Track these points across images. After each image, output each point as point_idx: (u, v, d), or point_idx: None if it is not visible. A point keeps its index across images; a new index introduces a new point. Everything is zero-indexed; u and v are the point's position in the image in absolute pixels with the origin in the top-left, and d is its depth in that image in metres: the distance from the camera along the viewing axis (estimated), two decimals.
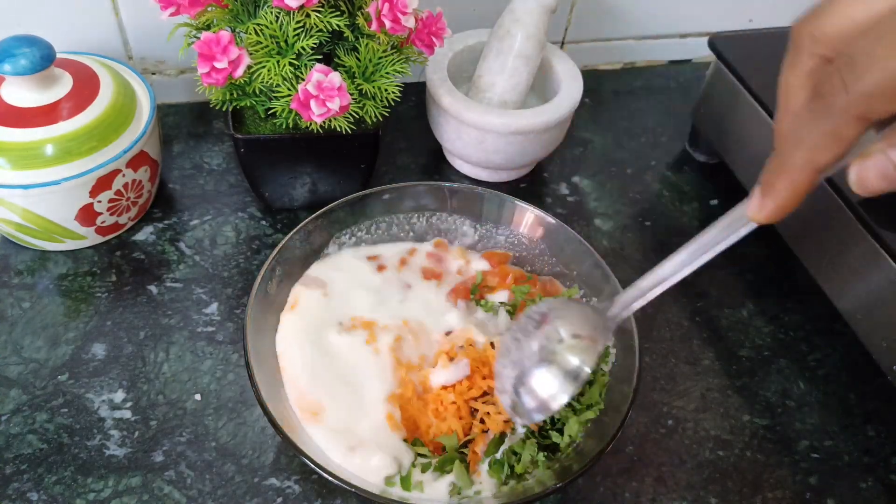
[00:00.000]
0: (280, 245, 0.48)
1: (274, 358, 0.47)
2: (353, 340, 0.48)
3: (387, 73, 0.52)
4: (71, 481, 0.45)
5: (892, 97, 0.24)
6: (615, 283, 0.48)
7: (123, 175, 0.54)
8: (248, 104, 0.54)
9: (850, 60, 0.25)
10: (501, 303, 0.51)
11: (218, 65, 0.47)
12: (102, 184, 0.53)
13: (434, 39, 0.53)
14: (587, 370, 0.39)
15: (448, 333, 0.49)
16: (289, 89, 0.49)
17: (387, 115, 0.53)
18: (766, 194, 0.30)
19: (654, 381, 0.54)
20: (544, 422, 0.43)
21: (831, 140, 0.26)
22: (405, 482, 0.43)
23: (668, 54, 0.81)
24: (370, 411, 0.45)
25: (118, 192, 0.55)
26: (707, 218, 0.65)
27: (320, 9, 0.48)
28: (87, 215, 0.54)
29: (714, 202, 0.67)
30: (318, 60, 0.50)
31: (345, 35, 0.51)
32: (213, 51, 0.47)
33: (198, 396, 0.50)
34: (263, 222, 0.61)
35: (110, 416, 0.48)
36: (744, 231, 0.33)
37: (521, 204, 0.53)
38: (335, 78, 0.48)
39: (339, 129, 0.52)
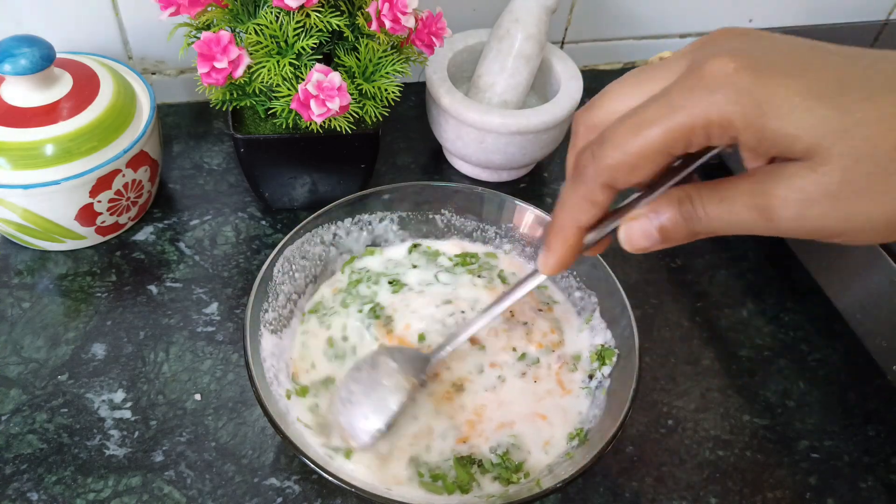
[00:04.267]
0: (280, 245, 0.48)
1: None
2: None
3: (387, 73, 0.52)
4: (71, 481, 0.45)
5: (629, 170, 0.29)
6: (615, 282, 0.48)
7: (123, 175, 0.54)
8: (248, 104, 0.54)
9: (600, 139, 0.30)
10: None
11: (218, 65, 0.47)
12: (102, 184, 0.53)
13: (434, 39, 0.53)
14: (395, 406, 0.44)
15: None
16: (289, 89, 0.49)
17: (387, 115, 0.53)
18: (546, 251, 0.35)
19: (654, 381, 0.54)
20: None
21: (586, 203, 0.32)
22: None
23: None
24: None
25: (118, 192, 0.55)
26: None
27: (320, 9, 0.48)
28: (87, 215, 0.54)
29: None
30: (318, 60, 0.50)
31: (345, 35, 0.51)
32: (213, 51, 0.47)
33: (198, 396, 0.50)
34: (263, 222, 0.61)
35: (110, 416, 0.48)
36: (536, 282, 0.41)
37: (521, 204, 0.53)
38: (335, 78, 0.48)
39: (339, 129, 0.52)
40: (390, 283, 0.52)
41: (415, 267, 0.53)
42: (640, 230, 0.32)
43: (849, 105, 0.26)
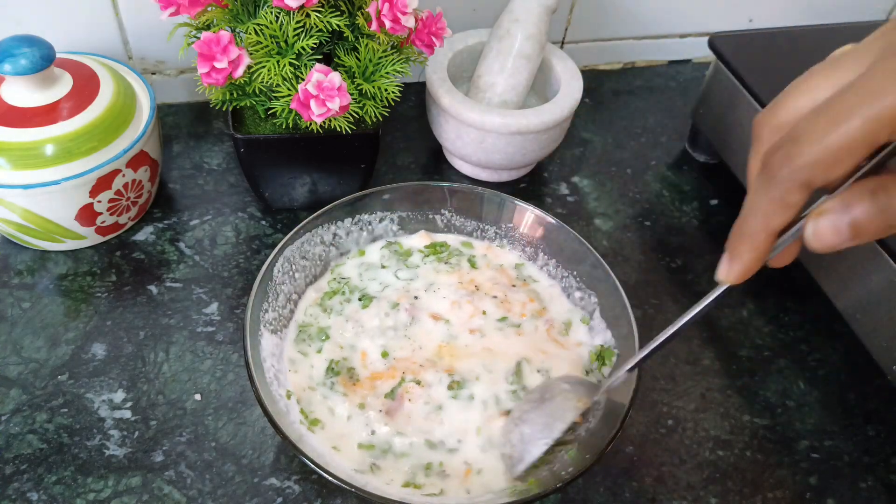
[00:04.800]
0: (280, 245, 0.48)
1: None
2: None
3: (387, 73, 0.52)
4: (71, 481, 0.45)
5: (829, 166, 0.28)
6: (615, 282, 0.48)
7: (123, 175, 0.54)
8: (248, 104, 0.54)
9: (792, 137, 0.29)
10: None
11: (218, 65, 0.47)
12: (102, 184, 0.53)
13: (434, 39, 0.53)
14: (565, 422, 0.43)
15: None
16: (289, 89, 0.49)
17: (387, 115, 0.53)
18: (732, 259, 0.33)
19: (654, 381, 0.54)
20: None
21: (780, 206, 0.30)
22: None
23: (668, 54, 0.81)
24: None
25: (118, 192, 0.55)
26: (707, 217, 0.65)
27: (320, 9, 0.48)
28: (87, 215, 0.54)
29: (714, 202, 0.67)
30: (318, 60, 0.50)
31: (345, 35, 0.51)
32: (213, 51, 0.47)
33: (198, 396, 0.50)
34: (263, 222, 0.61)
35: (110, 416, 0.48)
36: (718, 292, 0.36)
37: (521, 204, 0.53)
38: (335, 78, 0.48)
39: (339, 129, 0.52)
40: (360, 299, 0.51)
41: (384, 267, 0.53)
42: (829, 226, 0.30)
43: None
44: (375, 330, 0.49)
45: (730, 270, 0.33)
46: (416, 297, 0.50)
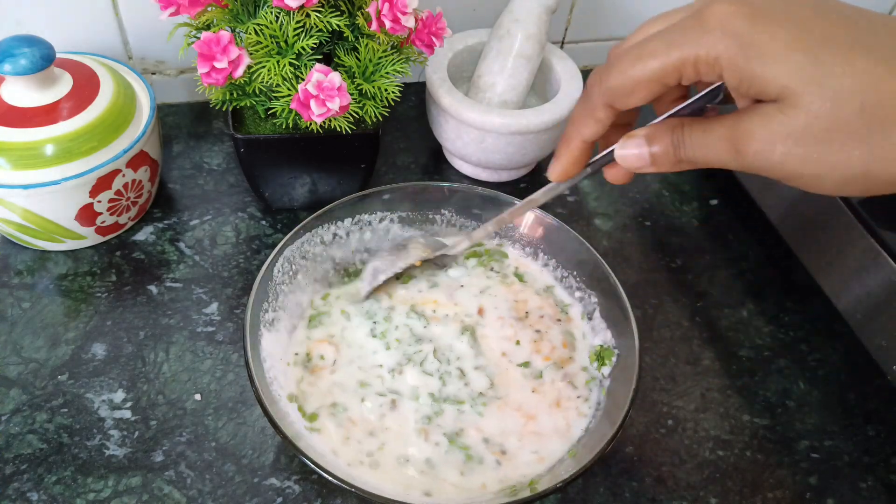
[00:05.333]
0: (280, 245, 0.48)
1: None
2: None
3: (387, 73, 0.52)
4: (71, 481, 0.45)
5: (627, 93, 0.34)
6: (615, 282, 0.48)
7: (123, 175, 0.54)
8: (248, 104, 0.54)
9: (608, 64, 0.35)
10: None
11: (218, 65, 0.47)
12: (102, 184, 0.53)
13: (434, 39, 0.53)
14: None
15: None
16: (289, 89, 0.49)
17: (387, 115, 0.53)
18: (554, 160, 0.40)
19: (654, 381, 0.54)
20: None
21: (589, 118, 0.36)
22: None
23: None
24: None
25: (118, 192, 0.55)
26: (707, 217, 0.66)
27: (320, 9, 0.48)
28: (87, 215, 0.54)
29: (714, 202, 0.67)
30: (318, 60, 0.50)
31: (345, 35, 0.51)
32: (213, 51, 0.47)
33: (198, 396, 0.50)
34: (263, 222, 0.61)
35: (110, 416, 0.48)
36: (548, 189, 0.43)
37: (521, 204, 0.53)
38: (335, 78, 0.48)
39: (339, 129, 0.52)
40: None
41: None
42: (634, 147, 0.35)
43: (826, 58, 0.29)
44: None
45: (552, 170, 0.40)
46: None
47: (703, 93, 0.35)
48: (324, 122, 0.50)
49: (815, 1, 0.31)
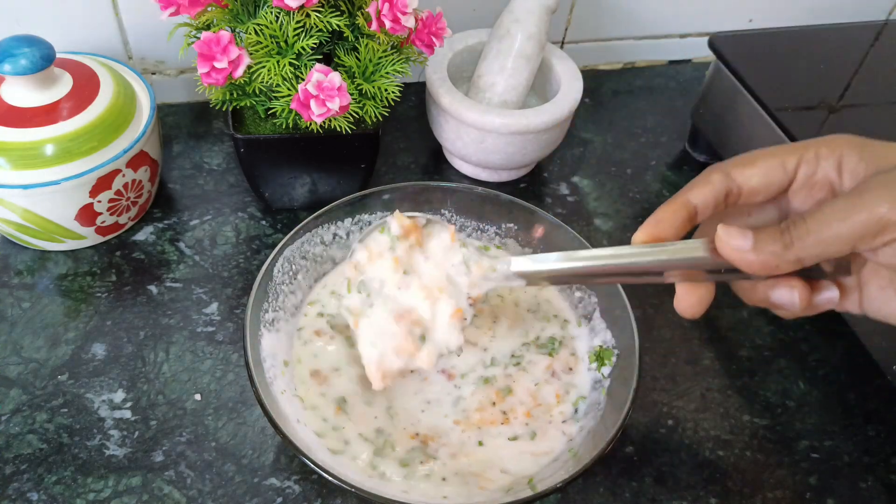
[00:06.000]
0: (280, 245, 0.48)
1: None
2: None
3: (387, 73, 0.52)
4: (71, 481, 0.45)
5: (745, 164, 0.36)
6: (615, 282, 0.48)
7: (123, 175, 0.54)
8: (248, 104, 0.54)
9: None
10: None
11: (218, 65, 0.47)
12: (102, 184, 0.53)
13: (434, 39, 0.53)
14: None
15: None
16: (289, 89, 0.49)
17: (387, 115, 0.53)
18: (650, 218, 0.38)
19: (654, 381, 0.54)
20: None
21: (701, 179, 0.37)
22: None
23: (668, 54, 0.81)
24: None
25: (118, 192, 0.55)
26: None
27: (320, 9, 0.48)
28: (87, 215, 0.54)
29: None
30: (318, 60, 0.50)
31: (345, 35, 0.51)
32: (213, 51, 0.47)
33: (198, 396, 0.50)
34: (263, 222, 0.61)
35: (110, 416, 0.48)
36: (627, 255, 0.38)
37: (521, 204, 0.53)
38: (335, 78, 0.48)
39: (339, 129, 0.52)
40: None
41: None
42: (738, 233, 0.34)
43: None
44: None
45: (641, 228, 0.37)
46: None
47: None
48: (324, 122, 0.50)
49: None
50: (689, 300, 0.37)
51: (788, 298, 0.35)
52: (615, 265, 0.38)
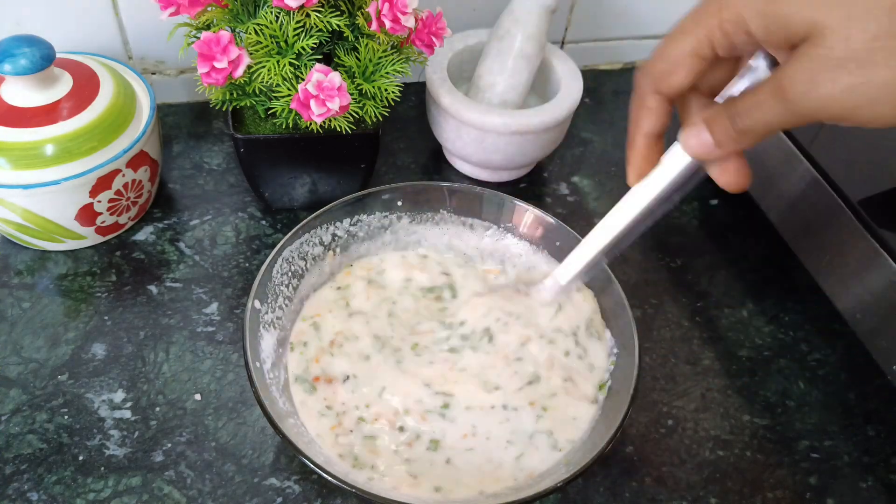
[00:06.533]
0: (279, 245, 0.48)
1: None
2: None
3: (387, 73, 0.52)
4: (71, 481, 0.45)
5: (668, 75, 0.35)
6: (615, 282, 0.48)
7: (123, 175, 0.54)
8: (248, 104, 0.54)
9: (652, 56, 0.36)
10: None
11: (218, 65, 0.47)
12: (102, 184, 0.53)
13: (434, 39, 0.53)
14: None
15: None
16: (289, 89, 0.49)
17: (387, 115, 0.53)
18: (627, 164, 0.39)
19: (654, 381, 0.54)
20: None
21: (642, 110, 0.37)
22: None
23: None
24: None
25: (118, 192, 0.55)
26: (707, 217, 0.66)
27: (320, 9, 0.48)
28: (87, 215, 0.54)
29: (714, 202, 0.67)
30: (318, 60, 0.50)
31: (345, 35, 0.51)
32: (213, 51, 0.47)
33: (198, 396, 0.50)
34: (263, 222, 0.61)
35: (110, 415, 0.48)
36: (632, 198, 0.41)
37: (520, 204, 0.53)
38: (335, 78, 0.48)
39: (339, 129, 0.52)
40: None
41: None
42: (694, 132, 0.35)
43: None
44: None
45: (628, 176, 0.39)
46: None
47: (744, 71, 0.34)
48: (324, 122, 0.50)
49: None
50: (726, 178, 0.36)
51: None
52: (638, 215, 0.41)
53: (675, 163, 0.38)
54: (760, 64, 0.34)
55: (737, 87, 0.35)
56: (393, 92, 0.52)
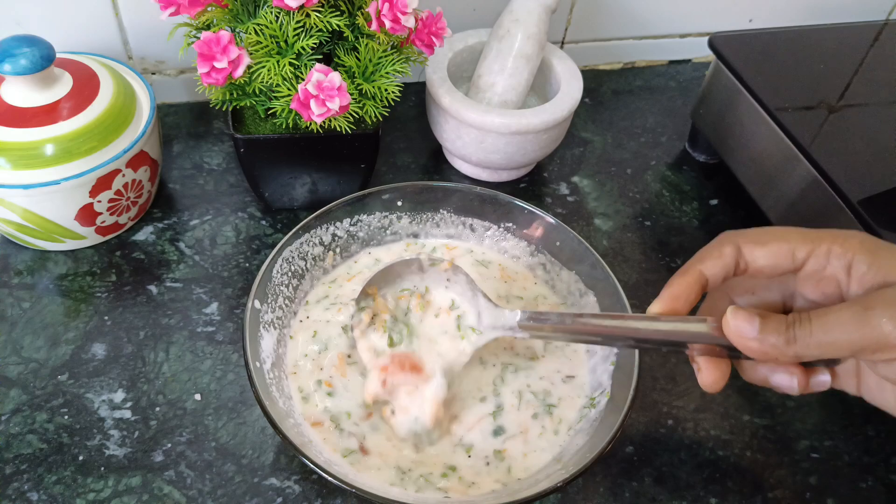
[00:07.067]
0: (279, 245, 0.48)
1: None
2: None
3: (387, 73, 0.52)
4: (71, 481, 0.45)
5: (756, 242, 0.37)
6: (615, 282, 0.48)
7: (123, 175, 0.54)
8: (248, 104, 0.54)
9: (757, 234, 0.38)
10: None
11: (218, 65, 0.47)
12: (102, 184, 0.53)
13: (434, 39, 0.53)
14: None
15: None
16: (289, 89, 0.49)
17: (387, 115, 0.53)
18: (665, 290, 0.39)
19: (654, 381, 0.54)
20: None
21: (713, 251, 0.38)
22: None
23: (668, 54, 0.81)
24: None
25: (118, 192, 0.55)
26: (707, 217, 0.65)
27: (320, 9, 0.48)
28: (87, 215, 0.54)
29: (714, 202, 0.67)
30: (318, 60, 0.50)
31: (345, 35, 0.51)
32: (213, 51, 0.47)
33: (198, 396, 0.50)
34: (263, 222, 0.61)
35: (110, 416, 0.48)
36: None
37: (521, 204, 0.53)
38: (335, 78, 0.48)
39: (339, 129, 0.52)
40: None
41: None
42: (745, 317, 0.35)
43: None
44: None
45: (656, 301, 0.39)
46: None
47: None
48: (324, 122, 0.50)
49: None
50: (713, 375, 0.37)
51: (787, 383, 0.37)
52: (619, 331, 0.40)
53: (694, 326, 0.37)
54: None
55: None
56: (393, 92, 0.52)
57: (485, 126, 0.58)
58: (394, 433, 0.45)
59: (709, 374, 0.37)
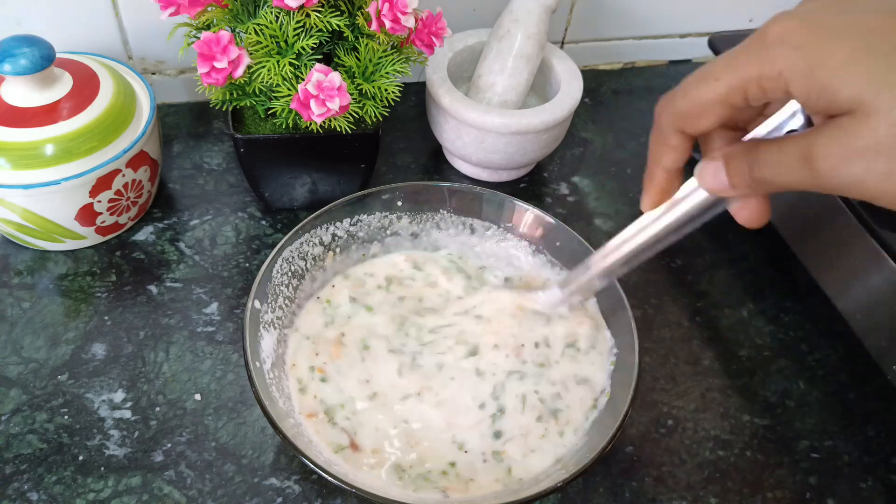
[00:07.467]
0: (279, 245, 0.48)
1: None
2: None
3: (387, 73, 0.52)
4: (71, 481, 0.45)
5: (694, 118, 0.34)
6: (615, 283, 0.48)
7: (123, 175, 0.54)
8: (248, 104, 0.54)
9: (674, 91, 0.35)
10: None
11: (218, 65, 0.47)
12: (102, 184, 0.53)
13: (434, 39, 0.53)
14: None
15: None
16: (289, 89, 0.49)
17: (387, 115, 0.53)
18: (643, 192, 0.39)
19: (654, 381, 0.54)
20: None
21: (663, 147, 0.37)
22: None
23: (668, 54, 0.81)
24: None
25: (118, 192, 0.55)
26: None
27: (320, 9, 0.48)
28: (87, 215, 0.54)
29: None
30: (318, 60, 0.50)
31: (345, 35, 0.51)
32: (213, 51, 0.47)
33: (198, 396, 0.50)
34: (263, 222, 0.61)
35: (110, 415, 0.48)
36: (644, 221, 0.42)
37: (520, 204, 0.53)
38: (335, 78, 0.48)
39: (339, 129, 0.52)
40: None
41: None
42: (711, 169, 0.35)
43: None
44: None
45: (643, 202, 0.40)
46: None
47: (779, 114, 0.33)
48: (324, 122, 0.50)
49: (879, 7, 0.29)
50: (744, 214, 0.36)
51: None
52: (647, 241, 0.42)
53: (692, 196, 0.38)
54: (795, 112, 0.33)
55: (765, 128, 0.34)
56: (393, 92, 0.52)
57: (485, 126, 0.58)
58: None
59: (741, 213, 0.36)
